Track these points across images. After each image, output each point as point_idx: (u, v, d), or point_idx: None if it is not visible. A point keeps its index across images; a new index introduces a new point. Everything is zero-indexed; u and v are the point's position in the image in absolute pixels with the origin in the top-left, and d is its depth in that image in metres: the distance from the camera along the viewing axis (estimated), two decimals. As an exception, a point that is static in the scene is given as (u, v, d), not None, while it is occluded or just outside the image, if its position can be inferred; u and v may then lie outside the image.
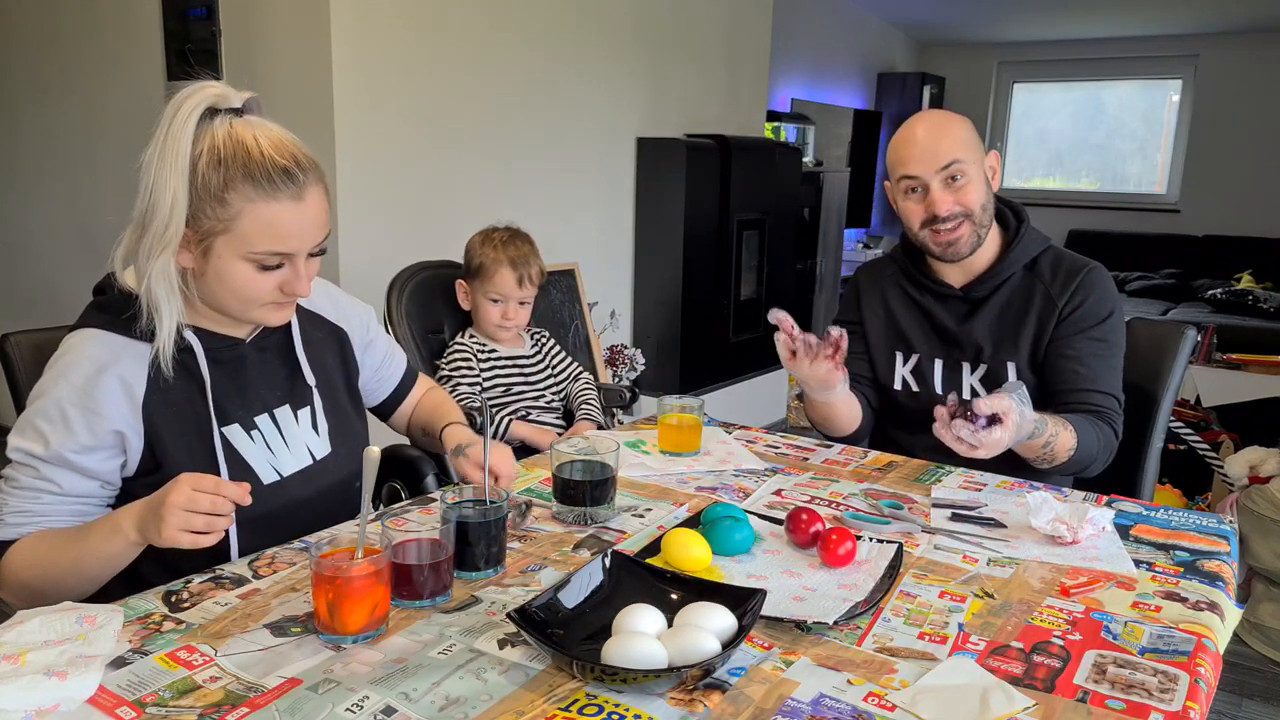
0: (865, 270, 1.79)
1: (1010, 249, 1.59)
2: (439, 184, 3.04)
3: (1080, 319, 1.56)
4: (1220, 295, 5.58)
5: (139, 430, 1.10)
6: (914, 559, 1.15)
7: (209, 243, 1.07)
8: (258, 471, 1.17)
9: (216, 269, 1.08)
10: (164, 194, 1.02)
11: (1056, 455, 1.46)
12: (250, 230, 1.06)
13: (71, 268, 3.49)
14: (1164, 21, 6.33)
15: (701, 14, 4.12)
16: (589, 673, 0.84)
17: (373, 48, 2.75)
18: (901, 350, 1.68)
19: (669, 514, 1.29)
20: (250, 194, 1.05)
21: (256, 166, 1.05)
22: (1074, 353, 1.55)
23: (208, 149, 1.04)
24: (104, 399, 1.08)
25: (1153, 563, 1.15)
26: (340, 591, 0.89)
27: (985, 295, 1.60)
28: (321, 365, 1.28)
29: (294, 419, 1.23)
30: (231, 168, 1.04)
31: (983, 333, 1.60)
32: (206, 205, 1.04)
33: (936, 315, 1.64)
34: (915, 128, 1.55)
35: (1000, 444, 1.34)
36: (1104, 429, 1.51)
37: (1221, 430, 3.29)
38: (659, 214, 3.89)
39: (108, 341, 1.10)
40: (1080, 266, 1.59)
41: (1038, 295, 1.58)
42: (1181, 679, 0.88)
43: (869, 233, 6.92)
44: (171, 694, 0.82)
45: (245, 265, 1.08)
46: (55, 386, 1.08)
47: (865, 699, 0.83)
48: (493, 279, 1.87)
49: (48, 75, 3.41)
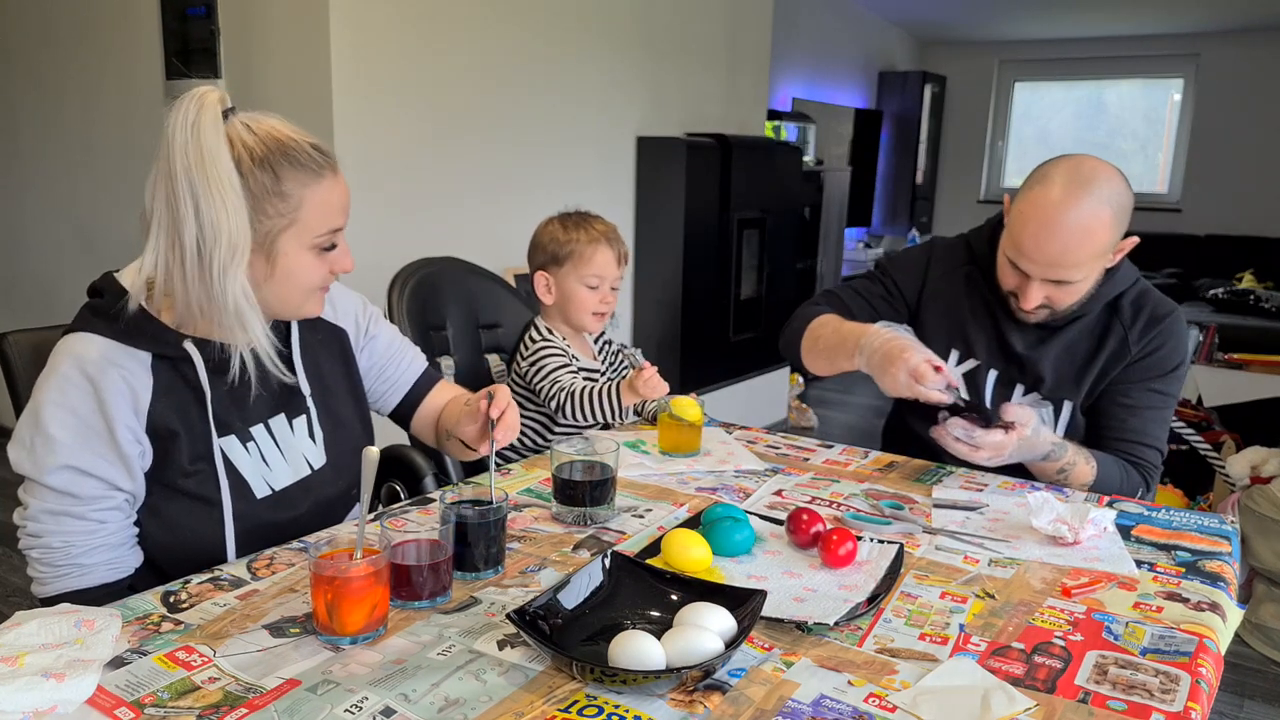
0: (941, 254, 1.66)
1: (1100, 285, 1.49)
2: (439, 182, 3.04)
3: (1148, 368, 1.50)
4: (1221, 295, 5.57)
5: (143, 437, 1.08)
6: (915, 560, 1.14)
7: (274, 243, 1.07)
8: (251, 485, 1.15)
9: (285, 268, 1.08)
10: (221, 211, 1.00)
11: (1071, 484, 1.44)
12: (312, 215, 1.07)
13: (69, 267, 3.49)
14: (1165, 20, 6.32)
15: (702, 13, 4.12)
16: (589, 674, 0.84)
17: (372, 47, 2.74)
18: (960, 349, 1.60)
19: (669, 514, 1.29)
20: (303, 179, 1.05)
21: (295, 152, 1.05)
22: (1130, 401, 1.50)
23: (244, 151, 1.03)
24: (114, 409, 1.04)
25: (1154, 563, 1.15)
26: (339, 592, 0.89)
27: (1061, 325, 1.52)
28: (318, 371, 1.26)
29: (289, 428, 1.21)
30: (275, 161, 1.04)
31: (1049, 364, 1.53)
32: (267, 204, 1.04)
33: (1008, 334, 1.55)
34: (1053, 227, 1.36)
35: (1003, 448, 1.33)
36: (1133, 477, 1.49)
37: (1223, 430, 3.29)
38: (659, 213, 3.88)
39: (109, 348, 1.06)
40: (1163, 313, 1.51)
41: (1112, 338, 1.51)
42: (1183, 679, 0.87)
43: (870, 232, 6.92)
44: (170, 695, 0.82)
45: (309, 254, 1.09)
46: (61, 393, 1.04)
47: (866, 700, 0.83)
48: (591, 261, 1.72)
49: (46, 74, 3.41)
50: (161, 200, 1.02)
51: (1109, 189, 1.38)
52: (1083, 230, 1.36)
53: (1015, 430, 1.33)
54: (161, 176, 1.02)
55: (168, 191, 1.01)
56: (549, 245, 1.76)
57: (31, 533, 1.06)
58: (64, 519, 1.05)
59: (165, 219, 1.02)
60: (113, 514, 1.07)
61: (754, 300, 4.35)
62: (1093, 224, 1.36)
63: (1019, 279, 1.45)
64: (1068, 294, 1.44)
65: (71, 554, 1.05)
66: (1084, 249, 1.37)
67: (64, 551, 1.05)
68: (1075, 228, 1.36)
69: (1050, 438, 1.40)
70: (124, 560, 1.09)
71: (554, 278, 1.77)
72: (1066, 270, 1.39)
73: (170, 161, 1.00)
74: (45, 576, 1.07)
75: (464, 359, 1.95)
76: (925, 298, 1.64)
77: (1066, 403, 1.53)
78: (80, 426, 1.04)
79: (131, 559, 1.10)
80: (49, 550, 1.05)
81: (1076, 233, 1.36)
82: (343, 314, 1.33)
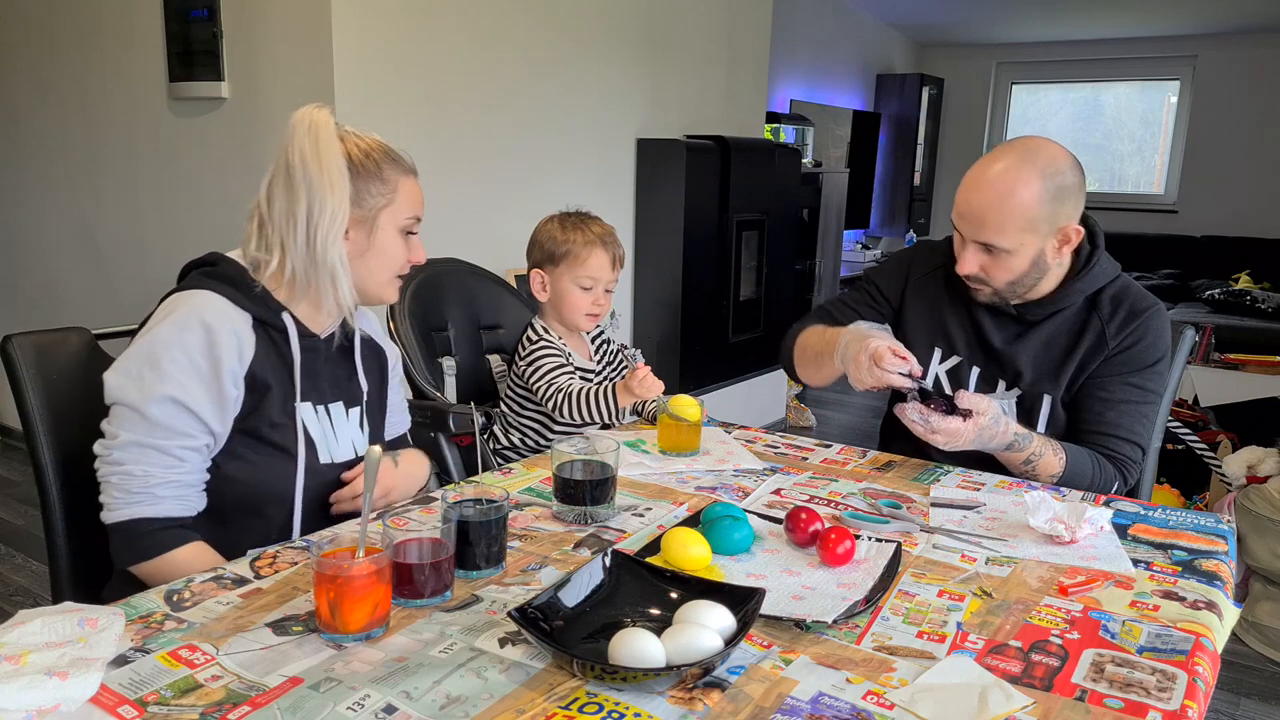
0: (920, 256, 1.70)
1: (1075, 279, 1.51)
2: (439, 184, 3.04)
3: (1125, 361, 1.49)
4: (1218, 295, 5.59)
5: (241, 383, 1.18)
6: (913, 558, 1.15)
7: (374, 220, 1.25)
8: (319, 450, 1.27)
9: (380, 243, 1.27)
10: (329, 187, 1.18)
11: (1039, 476, 1.45)
12: (404, 200, 1.27)
13: (72, 269, 3.49)
14: (1162, 23, 6.34)
15: (701, 15, 4.13)
16: (589, 671, 0.84)
17: (374, 49, 2.75)
18: (942, 347, 1.62)
19: (669, 513, 1.29)
20: (400, 170, 1.27)
21: (390, 152, 1.27)
22: (1107, 394, 1.50)
23: (352, 147, 1.23)
24: (224, 351, 1.16)
25: (1151, 562, 1.15)
26: (341, 590, 0.90)
27: (1039, 319, 1.54)
28: (371, 376, 1.39)
29: (345, 415, 1.33)
30: (377, 155, 1.25)
31: (1027, 359, 1.54)
32: (371, 184, 1.24)
33: (986, 329, 1.57)
34: (979, 184, 1.41)
35: (959, 435, 1.35)
36: (1107, 470, 1.48)
37: (1219, 430, 3.30)
38: (659, 215, 3.89)
39: (223, 303, 1.19)
40: (1143, 308, 1.51)
41: (1091, 332, 1.51)
42: (1179, 678, 0.88)
43: (868, 233, 6.93)
44: (173, 693, 0.82)
45: (398, 235, 1.28)
46: (178, 334, 1.15)
47: (864, 697, 0.84)
48: (586, 262, 1.74)
49: (49, 77, 3.41)
50: (280, 189, 1.19)
51: (1049, 166, 1.40)
52: (1006, 188, 1.38)
53: (973, 419, 1.35)
54: (279, 171, 1.20)
55: (286, 182, 1.19)
56: (546, 244, 1.78)
57: (114, 460, 1.13)
58: (150, 451, 1.13)
59: (283, 204, 1.19)
60: (193, 455, 1.16)
61: (753, 301, 4.36)
62: (1017, 186, 1.38)
63: (959, 244, 1.49)
64: (1001, 267, 1.45)
65: (149, 483, 1.13)
66: (1005, 209, 1.39)
67: (143, 480, 1.13)
68: (999, 185, 1.39)
69: (1014, 428, 1.41)
70: (191, 500, 1.17)
71: (549, 276, 1.78)
72: (990, 231, 1.41)
73: (289, 157, 1.18)
74: (118, 502, 1.13)
75: (465, 360, 1.95)
76: (907, 299, 1.67)
77: (1046, 397, 1.54)
78: (190, 365, 1.14)
79: (198, 501, 1.18)
80: (129, 477, 1.13)
81: (999, 189, 1.39)
82: (387, 346, 1.46)
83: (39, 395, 1.24)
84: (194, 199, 3.05)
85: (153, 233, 3.19)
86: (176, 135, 3.04)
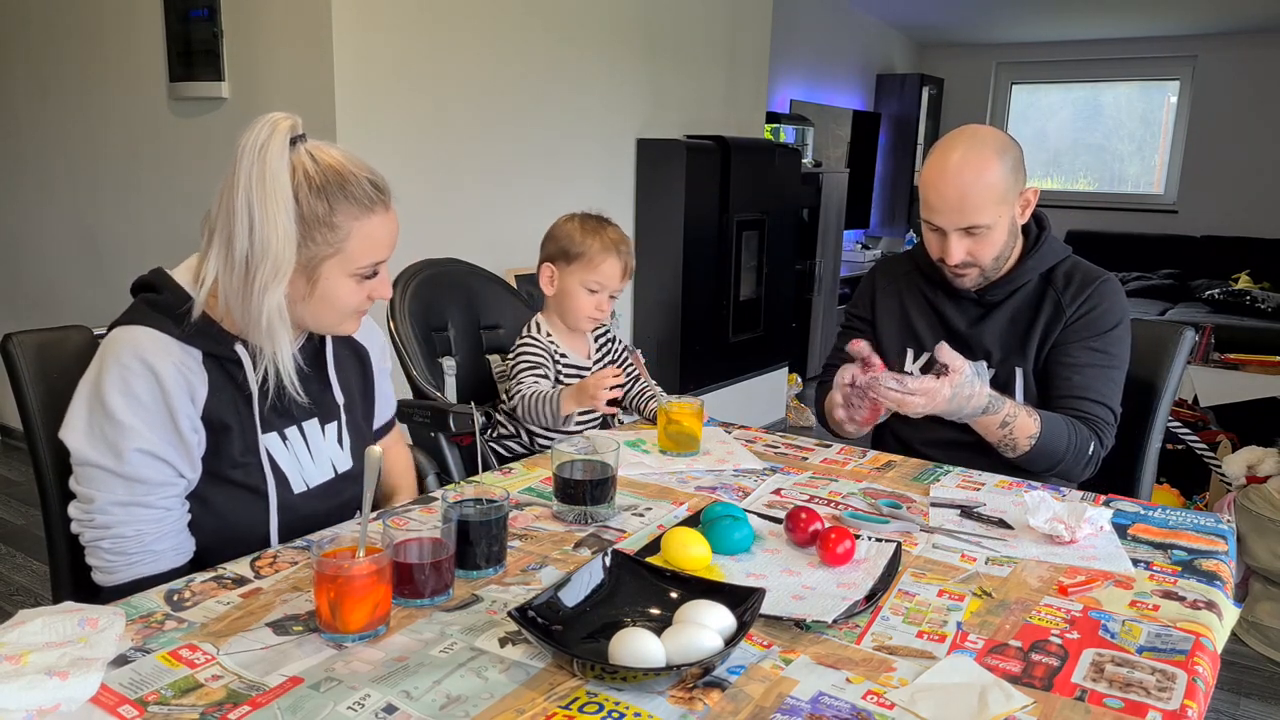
0: (883, 266, 1.80)
1: (1028, 257, 1.60)
2: (440, 184, 3.04)
3: (1083, 327, 1.56)
4: (1218, 295, 5.59)
5: (199, 426, 1.12)
6: (912, 558, 1.15)
7: (318, 268, 1.13)
8: (290, 480, 1.22)
9: (323, 291, 1.15)
10: (273, 233, 1.06)
11: (1017, 440, 1.48)
12: (357, 248, 1.13)
13: (74, 269, 3.49)
14: (1162, 23, 6.34)
15: (701, 16, 4.13)
16: (589, 671, 0.85)
17: (374, 49, 2.75)
18: (913, 347, 1.69)
19: (669, 513, 1.29)
20: (354, 212, 1.12)
21: (352, 185, 1.12)
22: (1071, 360, 1.56)
23: (304, 178, 1.09)
24: (174, 399, 1.09)
25: (1150, 562, 1.15)
26: (342, 590, 0.90)
27: (999, 300, 1.61)
28: (347, 384, 1.32)
29: (321, 433, 1.27)
30: (331, 192, 1.11)
31: (993, 337, 1.61)
32: (316, 232, 1.11)
33: (949, 316, 1.65)
34: (947, 176, 1.49)
35: (936, 393, 1.38)
36: (1082, 431, 1.52)
37: (1219, 430, 3.30)
38: (659, 215, 3.89)
39: (166, 342, 1.11)
40: (1094, 278, 1.59)
41: (1048, 304, 1.59)
42: (1179, 678, 0.88)
43: (868, 233, 6.93)
44: (173, 692, 0.82)
45: (349, 281, 1.15)
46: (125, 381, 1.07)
47: (864, 697, 0.84)
48: (598, 267, 1.74)
49: (50, 76, 3.41)
50: (224, 211, 1.09)
51: (998, 143, 1.51)
52: (974, 171, 1.47)
53: (948, 375, 1.38)
54: (226, 189, 1.08)
55: (229, 204, 1.08)
56: (563, 241, 1.79)
57: (100, 525, 1.09)
58: (134, 509, 1.09)
59: (223, 228, 1.09)
60: (175, 501, 1.12)
61: (753, 301, 4.36)
62: (982, 165, 1.48)
63: (939, 240, 1.54)
64: (985, 244, 1.52)
65: (144, 542, 1.09)
66: (980, 188, 1.47)
67: (137, 540, 1.09)
68: (967, 169, 1.48)
69: (986, 391, 1.46)
70: (186, 545, 1.14)
71: (559, 273, 1.79)
72: (971, 214, 1.48)
73: (235, 177, 1.07)
74: (115, 565, 1.09)
75: (465, 360, 1.96)
76: (877, 311, 1.74)
77: (1018, 370, 1.59)
78: (146, 413, 1.08)
79: (190, 544, 1.15)
80: (121, 539, 1.09)
81: (968, 174, 1.47)
82: (368, 336, 1.38)
83: (39, 394, 1.24)
84: (194, 199, 3.04)
85: (152, 232, 3.19)
86: (176, 135, 3.04)
